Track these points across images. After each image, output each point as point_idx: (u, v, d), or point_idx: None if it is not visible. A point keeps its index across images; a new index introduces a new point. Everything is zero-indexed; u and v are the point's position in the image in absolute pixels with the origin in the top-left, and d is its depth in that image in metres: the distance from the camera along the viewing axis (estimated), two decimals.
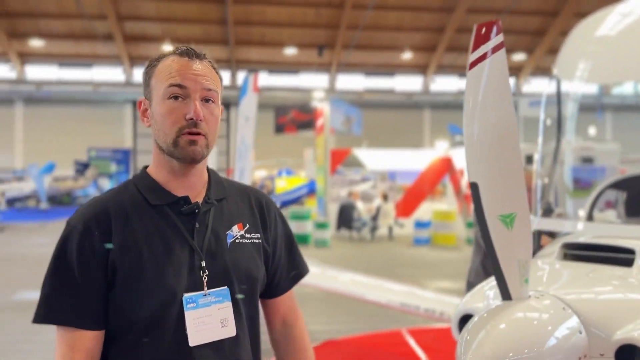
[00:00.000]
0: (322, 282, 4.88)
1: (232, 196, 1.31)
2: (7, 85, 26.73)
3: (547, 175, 2.76)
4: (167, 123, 1.18)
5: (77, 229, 1.18)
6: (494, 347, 1.20)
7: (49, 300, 1.16)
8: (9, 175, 22.97)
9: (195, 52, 1.23)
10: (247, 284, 1.25)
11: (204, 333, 1.17)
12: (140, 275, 1.15)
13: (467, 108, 1.36)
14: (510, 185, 1.30)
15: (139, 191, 1.23)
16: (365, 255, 11.75)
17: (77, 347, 1.14)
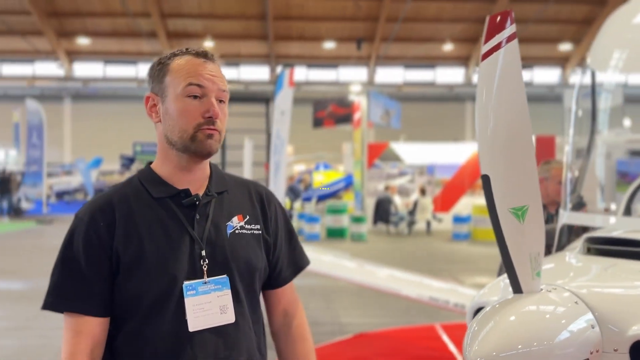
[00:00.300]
0: (358, 276, 4.88)
1: (232, 189, 1.35)
2: (56, 82, 27.76)
3: (580, 169, 2.69)
4: (185, 120, 1.24)
5: (83, 220, 1.24)
6: (501, 338, 1.20)
7: (56, 288, 1.22)
8: (58, 169, 23.85)
9: (210, 53, 1.30)
10: (247, 273, 1.29)
11: (203, 319, 1.21)
12: (141, 264, 1.20)
13: (481, 100, 1.35)
14: (523, 177, 1.28)
15: (142, 185, 1.28)
16: (402, 250, 11.68)
17: (83, 333, 1.20)
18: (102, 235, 1.22)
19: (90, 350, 1.20)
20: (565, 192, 2.44)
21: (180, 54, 1.29)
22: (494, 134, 1.32)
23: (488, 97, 1.33)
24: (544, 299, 1.27)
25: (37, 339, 4.97)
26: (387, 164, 17.07)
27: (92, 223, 1.23)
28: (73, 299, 1.21)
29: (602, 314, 1.27)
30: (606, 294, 1.37)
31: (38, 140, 17.19)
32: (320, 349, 4.48)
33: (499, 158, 1.30)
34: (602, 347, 1.25)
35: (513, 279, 1.28)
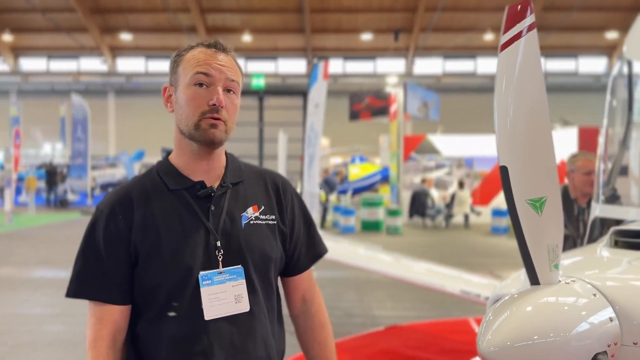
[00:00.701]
0: (391, 269, 4.87)
1: (248, 179, 1.37)
2: (100, 77, 28.60)
3: (614, 161, 2.61)
4: (191, 107, 1.26)
5: (104, 213, 1.28)
6: (516, 328, 1.19)
7: (79, 277, 1.27)
8: (102, 162, 24.60)
9: (221, 44, 1.31)
10: (262, 263, 1.31)
11: (219, 308, 1.25)
12: (158, 255, 1.24)
13: (500, 90, 1.34)
14: (541, 169, 1.27)
15: (160, 177, 1.31)
16: (438, 244, 11.57)
17: (105, 320, 1.24)
18: (121, 228, 1.26)
19: (112, 336, 1.25)
20: (598, 184, 2.39)
21: (196, 46, 1.32)
22: (513, 125, 1.31)
23: (508, 88, 1.32)
24: (561, 291, 1.26)
25: (80, 326, 5.18)
26: (424, 156, 16.89)
27: (112, 216, 1.27)
28: (94, 288, 1.25)
29: (622, 307, 1.25)
30: (627, 287, 1.34)
31: (82, 134, 17.78)
32: (352, 340, 4.51)
33: (518, 149, 1.29)
34: (621, 340, 1.23)
35: (530, 271, 1.27)
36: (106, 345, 1.24)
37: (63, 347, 4.58)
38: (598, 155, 2.55)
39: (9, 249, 10.46)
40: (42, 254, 9.64)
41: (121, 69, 29.23)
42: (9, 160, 14.57)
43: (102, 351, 1.23)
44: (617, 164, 2.57)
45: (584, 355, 1.18)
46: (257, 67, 28.12)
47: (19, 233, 12.61)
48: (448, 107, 23.99)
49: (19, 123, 15.05)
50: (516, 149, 1.29)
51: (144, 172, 1.38)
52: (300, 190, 8.79)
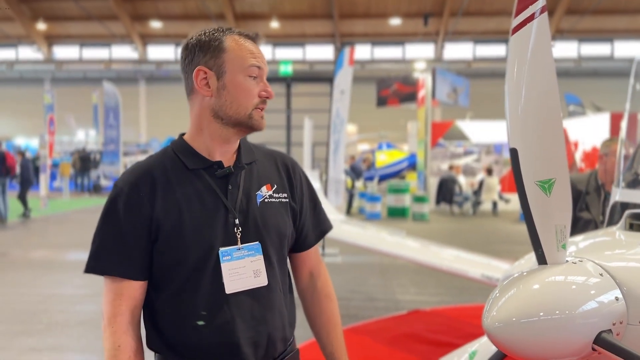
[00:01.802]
0: (418, 255, 4.88)
1: (260, 160, 1.43)
2: (131, 65, 29.04)
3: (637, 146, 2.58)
4: (247, 98, 1.31)
5: (124, 190, 1.30)
6: (522, 305, 1.22)
7: (98, 253, 1.30)
8: (134, 148, 25.08)
9: (259, 36, 1.37)
10: (277, 238, 1.37)
11: (239, 282, 1.30)
12: (181, 233, 1.28)
13: (512, 73, 1.35)
14: (550, 151, 1.29)
15: (178, 157, 1.34)
16: (465, 231, 11.50)
17: (124, 295, 1.27)
18: (144, 204, 1.28)
19: (131, 312, 1.28)
20: (619, 168, 2.36)
21: (229, 32, 1.35)
22: (524, 109, 1.32)
23: (519, 72, 1.34)
24: (568, 270, 1.28)
25: None
26: (452, 142, 16.72)
27: (133, 192, 1.29)
28: (114, 264, 1.28)
29: (630, 287, 1.26)
30: (634, 268, 1.35)
31: (114, 120, 18.14)
32: (374, 323, 4.57)
33: (528, 131, 1.31)
34: (627, 319, 1.25)
35: (538, 251, 1.29)
36: (126, 321, 1.27)
37: (94, 326, 4.76)
38: (620, 140, 2.52)
39: (45, 232, 10.84)
40: (76, 237, 9.95)
41: (151, 56, 29.62)
42: (43, 146, 14.97)
43: (122, 326, 1.26)
44: (639, 149, 2.54)
45: (588, 332, 1.20)
46: (285, 53, 28.12)
47: (54, 217, 13.03)
48: (478, 92, 23.61)
49: (53, 110, 15.44)
50: (526, 132, 1.30)
51: (157, 152, 1.41)
52: (326, 177, 8.83)
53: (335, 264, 7.24)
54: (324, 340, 1.52)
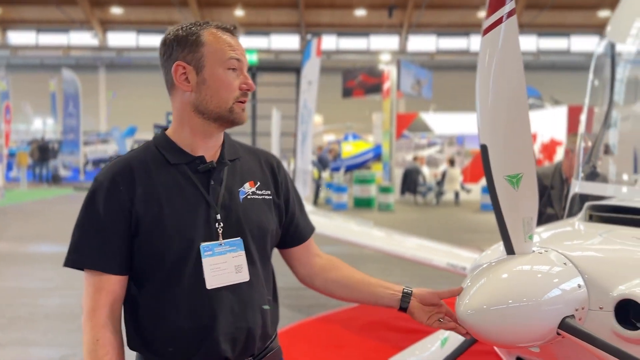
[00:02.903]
0: (384, 245, 4.97)
1: (244, 157, 1.42)
2: (91, 52, 28.28)
3: (595, 140, 2.71)
4: (227, 91, 1.31)
5: (104, 184, 1.29)
6: (492, 293, 1.29)
7: (78, 246, 1.29)
8: (94, 137, 24.50)
9: (236, 29, 1.36)
10: (259, 235, 1.37)
11: (220, 278, 1.29)
12: (161, 227, 1.27)
13: (482, 72, 1.41)
14: (518, 147, 1.36)
15: (159, 151, 1.34)
16: (429, 220, 11.74)
17: (103, 289, 1.27)
18: (123, 198, 1.27)
19: (111, 306, 1.28)
20: (578, 162, 2.49)
21: (206, 26, 1.33)
22: (494, 106, 1.39)
23: (489, 70, 1.40)
24: (534, 260, 1.36)
25: (75, 299, 5.28)
26: (416, 134, 16.98)
27: (113, 186, 1.28)
28: (93, 258, 1.27)
29: (590, 275, 1.35)
30: (595, 257, 1.44)
31: (74, 109, 17.68)
32: (343, 312, 4.66)
33: (497, 128, 1.38)
34: (588, 305, 1.34)
35: (506, 241, 1.37)
36: (105, 315, 1.27)
37: (60, 320, 4.68)
38: (579, 134, 2.65)
39: (3, 223, 10.52)
40: (37, 229, 9.71)
41: (112, 43, 28.90)
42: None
43: (101, 320, 1.26)
44: (597, 142, 2.67)
45: (553, 318, 1.29)
46: (250, 42, 27.87)
47: (12, 208, 12.65)
48: (441, 85, 24.00)
49: (8, 98, 14.94)
50: (496, 129, 1.37)
51: (138, 146, 1.40)
52: (294, 168, 8.87)
53: None
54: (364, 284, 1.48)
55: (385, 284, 1.48)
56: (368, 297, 1.49)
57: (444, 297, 1.43)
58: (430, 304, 1.43)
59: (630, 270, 1.38)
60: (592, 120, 2.72)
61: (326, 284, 1.52)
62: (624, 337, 1.32)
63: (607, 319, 1.34)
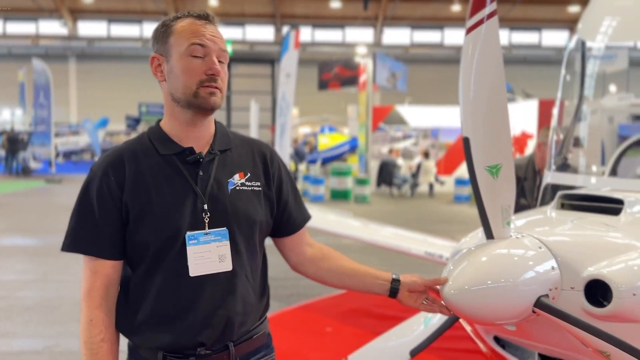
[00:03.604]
0: (360, 233, 5.08)
1: (236, 147, 1.45)
2: (60, 41, 27.65)
3: (567, 132, 2.85)
4: (189, 77, 1.33)
5: (97, 174, 1.36)
6: (473, 275, 1.40)
7: (73, 232, 1.36)
8: (65, 129, 24.05)
9: (211, 16, 1.38)
10: (246, 226, 1.40)
11: (203, 266, 1.33)
12: (148, 216, 1.32)
13: (465, 70, 1.51)
14: (498, 140, 1.47)
15: (151, 142, 1.39)
16: (404, 212, 11.93)
17: (98, 273, 1.34)
18: (113, 188, 1.34)
19: (105, 288, 1.35)
20: (550, 154, 2.62)
21: (183, 17, 1.37)
22: (475, 101, 1.49)
23: (470, 68, 1.50)
24: (512, 244, 1.47)
25: (54, 291, 5.27)
26: (392, 127, 17.15)
27: (105, 177, 1.34)
28: (87, 243, 1.34)
29: (562, 258, 1.47)
30: (567, 241, 1.56)
31: (45, 100, 17.30)
32: (323, 300, 4.76)
33: (478, 122, 1.48)
34: (561, 285, 1.46)
35: (486, 227, 1.48)
36: (99, 296, 1.34)
37: (40, 311, 4.67)
38: (551, 127, 2.78)
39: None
40: (10, 222, 9.55)
41: (82, 32, 28.30)
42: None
43: (96, 300, 1.34)
44: (568, 135, 2.82)
45: (529, 297, 1.40)
46: (224, 33, 27.31)
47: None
48: (415, 78, 24.25)
49: None
50: (477, 123, 1.47)
51: (134, 137, 1.45)
52: None
53: None
54: (355, 273, 1.54)
55: (374, 274, 1.54)
56: (358, 285, 1.56)
57: (429, 285, 1.51)
58: (417, 292, 1.51)
59: (599, 253, 1.50)
60: (563, 113, 2.86)
61: (318, 272, 1.57)
62: (593, 314, 1.45)
63: (578, 298, 1.46)
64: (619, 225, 1.69)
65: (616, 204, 1.84)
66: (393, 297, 1.53)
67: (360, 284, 1.55)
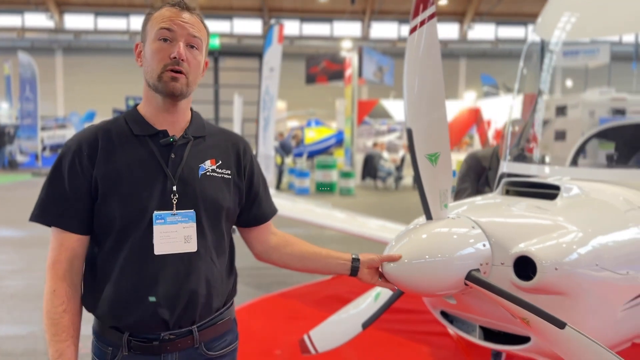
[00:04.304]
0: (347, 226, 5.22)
1: (211, 136, 1.51)
2: (47, 34, 27.44)
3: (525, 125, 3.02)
4: (155, 60, 1.37)
5: (71, 149, 1.39)
6: (412, 249, 1.56)
7: (43, 204, 1.39)
8: (51, 123, 23.94)
9: (185, 3, 1.43)
10: (213, 210, 1.44)
11: (168, 245, 1.37)
12: (117, 192, 1.36)
13: (408, 67, 1.66)
14: (437, 131, 1.62)
15: (127, 123, 1.43)
16: (388, 204, 12.11)
17: (63, 245, 1.37)
18: (85, 163, 1.37)
19: (70, 261, 1.38)
20: (505, 145, 2.79)
21: (163, 5, 1.43)
22: (417, 97, 1.65)
23: (415, 65, 1.65)
24: (448, 224, 1.63)
25: (39, 280, 5.37)
26: (377, 120, 17.32)
27: (78, 152, 1.38)
28: (55, 216, 1.37)
29: (494, 236, 1.64)
30: (499, 222, 1.73)
31: (31, 93, 17.26)
32: (302, 287, 4.93)
33: (420, 114, 1.63)
34: (491, 261, 1.63)
35: (426, 209, 1.64)
36: (63, 268, 1.37)
37: (26, 299, 4.79)
38: (508, 119, 2.95)
39: None
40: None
41: (69, 25, 28.11)
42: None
43: (60, 272, 1.36)
44: (527, 127, 2.99)
45: (461, 270, 1.57)
46: (212, 26, 27.26)
47: None
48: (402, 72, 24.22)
49: None
50: (419, 115, 1.63)
51: (113, 118, 1.49)
52: (256, 153, 9.04)
53: None
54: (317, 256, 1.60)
55: (335, 255, 1.61)
56: (321, 267, 1.62)
57: (384, 260, 1.60)
58: (374, 268, 1.60)
59: (527, 232, 1.67)
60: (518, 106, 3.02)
61: (282, 258, 1.63)
62: (520, 287, 1.62)
63: (507, 273, 1.63)
64: (552, 209, 1.86)
65: (554, 189, 2.01)
66: (354, 275, 1.59)
67: (323, 265, 1.61)
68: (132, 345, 1.38)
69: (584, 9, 2.95)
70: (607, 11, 2.90)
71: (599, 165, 3.20)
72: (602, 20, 2.91)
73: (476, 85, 24.50)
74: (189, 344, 1.42)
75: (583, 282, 1.63)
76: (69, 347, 1.36)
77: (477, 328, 1.90)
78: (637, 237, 1.88)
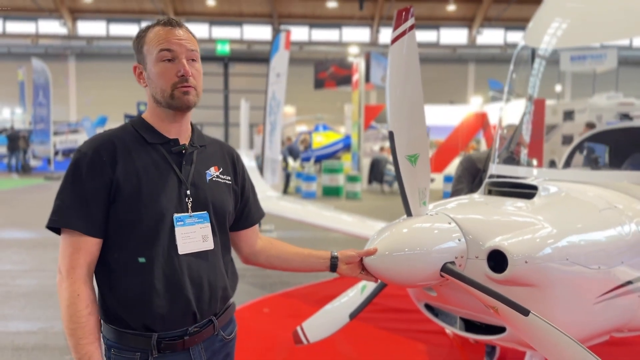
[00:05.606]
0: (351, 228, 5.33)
1: (209, 145, 1.63)
2: (60, 40, 27.87)
3: (515, 129, 3.13)
4: (163, 81, 1.46)
5: (87, 154, 1.44)
6: (392, 243, 1.67)
7: (60, 209, 1.42)
8: (64, 127, 24.30)
9: (175, 21, 1.51)
10: (220, 212, 1.57)
11: (190, 245, 1.47)
12: (138, 197, 1.42)
13: (392, 74, 1.78)
14: (416, 133, 1.74)
15: (137, 131, 1.51)
16: (394, 207, 12.18)
17: (82, 249, 1.41)
18: (105, 168, 1.42)
19: (88, 265, 1.42)
20: (494, 148, 2.90)
21: (152, 26, 1.50)
22: (400, 100, 1.77)
23: (397, 72, 1.77)
24: (426, 220, 1.75)
25: (50, 279, 5.54)
26: (383, 125, 17.42)
27: (96, 157, 1.43)
28: (75, 219, 1.41)
29: (469, 231, 1.75)
30: (475, 218, 1.84)
31: (45, 99, 17.56)
32: (303, 288, 5.05)
33: (401, 118, 1.76)
34: (466, 255, 1.74)
35: (406, 206, 1.76)
36: (84, 272, 1.40)
37: (36, 297, 4.95)
38: (498, 123, 3.06)
39: None
40: (9, 217, 9.82)
41: (82, 32, 28.54)
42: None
43: (81, 277, 1.40)
44: (517, 131, 3.09)
45: (436, 263, 1.68)
46: (222, 32, 27.88)
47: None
48: None
49: None
50: (400, 119, 1.75)
51: (115, 127, 1.55)
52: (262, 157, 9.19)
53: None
54: (299, 256, 1.72)
55: (316, 254, 1.73)
56: (304, 266, 1.74)
57: (362, 255, 1.72)
58: (353, 262, 1.72)
59: (500, 228, 1.79)
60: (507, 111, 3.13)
61: (268, 260, 1.76)
62: (493, 279, 1.73)
63: (481, 266, 1.75)
64: (528, 207, 1.98)
65: (532, 189, 2.12)
66: (334, 271, 1.71)
67: (305, 264, 1.73)
68: (162, 346, 1.45)
69: (572, 17, 3.06)
70: (594, 19, 3.01)
71: (588, 168, 3.30)
72: (589, 28, 3.02)
73: (485, 90, 24.51)
74: (210, 333, 1.54)
75: (553, 275, 1.74)
76: (97, 349, 1.40)
77: (458, 319, 2.02)
78: (610, 234, 1.99)
